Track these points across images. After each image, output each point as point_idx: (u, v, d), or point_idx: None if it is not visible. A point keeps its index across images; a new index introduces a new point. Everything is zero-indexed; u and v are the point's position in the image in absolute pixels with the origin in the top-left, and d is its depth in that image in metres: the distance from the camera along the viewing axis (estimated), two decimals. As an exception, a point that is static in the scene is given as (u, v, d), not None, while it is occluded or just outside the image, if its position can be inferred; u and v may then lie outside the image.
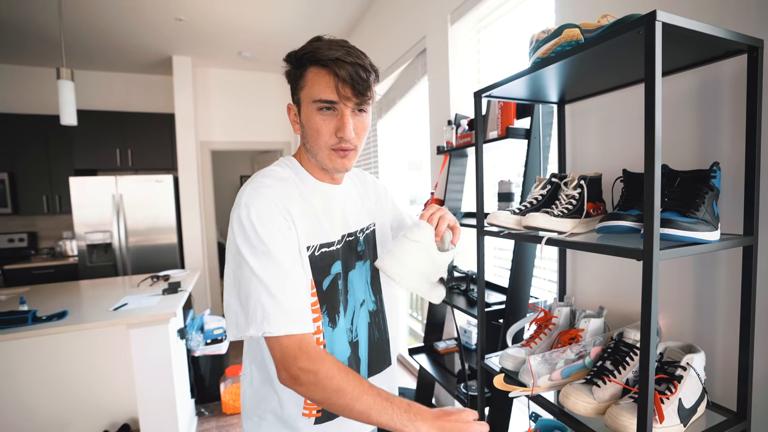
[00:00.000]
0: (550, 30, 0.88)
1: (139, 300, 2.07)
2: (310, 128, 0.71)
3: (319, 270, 0.74)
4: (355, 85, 0.68)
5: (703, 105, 0.89)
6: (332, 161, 0.73)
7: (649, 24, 0.62)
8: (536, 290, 1.55)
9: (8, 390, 1.91)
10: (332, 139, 0.71)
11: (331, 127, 0.70)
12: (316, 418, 0.77)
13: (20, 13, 2.84)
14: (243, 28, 3.27)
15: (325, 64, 0.67)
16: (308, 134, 0.73)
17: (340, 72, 0.67)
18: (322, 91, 0.68)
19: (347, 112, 0.70)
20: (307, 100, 0.71)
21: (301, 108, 0.73)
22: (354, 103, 0.70)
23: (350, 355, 0.81)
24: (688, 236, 0.70)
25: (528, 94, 1.13)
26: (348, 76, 0.67)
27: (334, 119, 0.70)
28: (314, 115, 0.70)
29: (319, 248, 0.74)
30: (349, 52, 0.68)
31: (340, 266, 0.79)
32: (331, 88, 0.68)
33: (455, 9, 1.87)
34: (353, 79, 0.67)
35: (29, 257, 3.79)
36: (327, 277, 0.75)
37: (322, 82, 0.68)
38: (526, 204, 1.04)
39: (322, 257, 0.75)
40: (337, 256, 0.78)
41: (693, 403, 0.78)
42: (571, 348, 0.97)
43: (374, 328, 0.87)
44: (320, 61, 0.67)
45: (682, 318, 0.95)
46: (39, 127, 3.73)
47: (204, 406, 2.62)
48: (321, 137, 0.71)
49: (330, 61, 0.67)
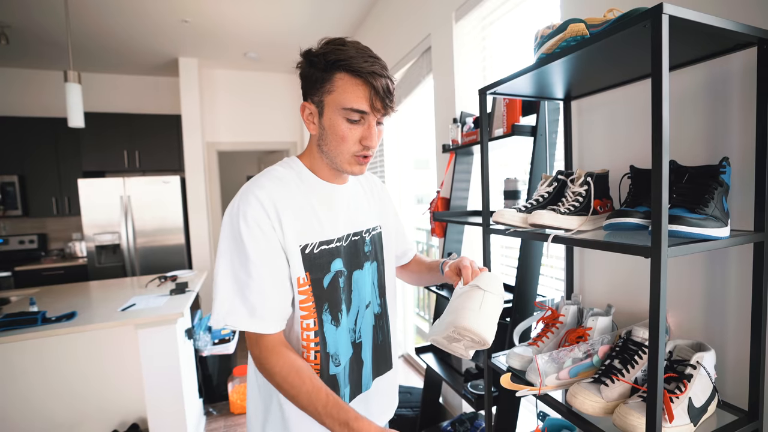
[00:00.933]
0: (555, 25, 0.87)
1: (147, 300, 2.09)
2: (335, 134, 0.73)
3: (318, 267, 0.75)
4: (385, 99, 0.71)
5: (712, 99, 0.88)
6: (351, 166, 0.76)
7: (655, 17, 0.61)
8: (543, 288, 1.53)
9: (19, 390, 1.94)
10: (356, 146, 0.74)
11: (357, 135, 0.73)
12: None
13: (28, 18, 2.88)
14: (248, 29, 3.28)
15: (360, 75, 0.69)
16: (330, 138, 0.74)
17: (377, 85, 0.69)
18: (355, 101, 0.70)
19: (374, 122, 0.73)
20: (334, 106, 0.71)
21: (324, 111, 0.73)
22: (380, 115, 0.73)
23: (352, 356, 0.81)
24: (697, 233, 0.69)
25: (533, 90, 1.12)
26: (383, 91, 0.70)
27: (360, 128, 0.73)
28: (341, 122, 0.72)
29: (318, 246, 0.75)
30: (381, 65, 0.71)
31: (341, 264, 0.79)
32: (365, 99, 0.70)
33: (460, 6, 1.86)
34: (386, 93, 0.70)
35: (39, 259, 3.85)
36: (327, 275, 0.76)
37: (357, 92, 0.70)
38: (532, 201, 1.04)
39: (321, 254, 0.76)
40: (338, 254, 0.78)
41: (703, 402, 0.77)
42: (578, 347, 0.96)
43: (378, 330, 0.88)
44: (356, 71, 0.69)
45: (692, 316, 0.94)
46: (48, 129, 3.79)
47: (212, 406, 2.64)
48: (345, 144, 0.73)
49: (367, 74, 0.69)
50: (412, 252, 1.06)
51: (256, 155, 6.16)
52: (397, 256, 1.01)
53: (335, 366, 0.78)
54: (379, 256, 0.88)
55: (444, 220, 1.69)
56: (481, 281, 0.73)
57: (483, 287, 0.72)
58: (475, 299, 0.70)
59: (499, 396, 1.34)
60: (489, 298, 0.71)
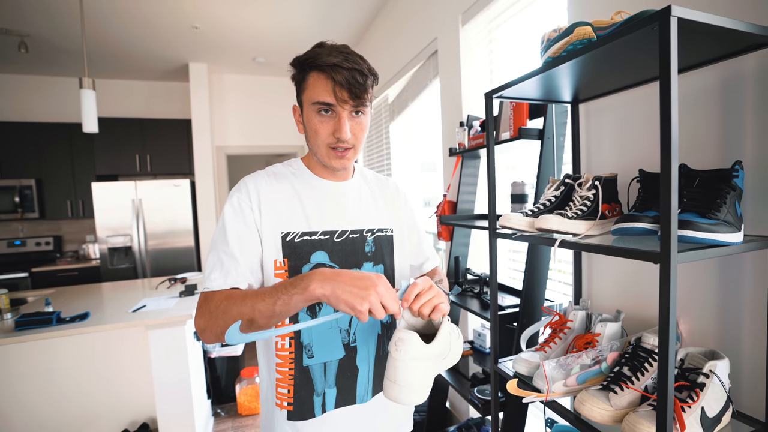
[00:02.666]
0: (561, 29, 0.86)
1: (158, 302, 2.12)
2: (311, 129, 0.77)
3: (297, 256, 0.78)
4: (352, 89, 0.72)
5: (724, 102, 0.86)
6: (330, 159, 0.78)
7: (663, 20, 0.60)
8: (551, 293, 1.51)
9: (33, 388, 1.98)
10: (329, 138, 0.76)
11: (329, 128, 0.75)
12: (288, 412, 0.79)
13: (46, 27, 2.97)
14: (257, 35, 3.33)
15: (323, 69, 0.72)
16: (309, 134, 0.79)
17: (337, 77, 0.71)
18: (320, 94, 0.73)
19: (344, 114, 0.74)
20: (307, 102, 0.76)
21: (303, 109, 0.79)
22: (351, 106, 0.74)
23: (343, 359, 0.80)
24: (708, 238, 0.68)
25: (540, 93, 1.11)
26: (345, 81, 0.71)
27: (332, 121, 0.75)
28: (313, 116, 0.76)
29: (300, 235, 0.78)
30: (347, 57, 0.73)
31: (325, 257, 0.79)
32: (329, 91, 0.72)
33: (466, 10, 1.86)
34: (350, 84, 0.72)
35: (55, 260, 3.93)
36: (306, 265, 0.78)
37: (320, 86, 0.73)
38: (539, 206, 1.02)
39: (302, 244, 0.78)
40: (321, 247, 0.79)
41: (717, 412, 0.75)
42: (587, 353, 0.94)
43: (384, 340, 0.85)
44: (319, 66, 0.73)
45: (705, 323, 0.91)
46: (63, 134, 3.88)
47: (220, 407, 2.66)
48: (319, 137, 0.76)
49: (328, 67, 0.72)
50: (429, 265, 1.01)
51: (264, 159, 6.22)
52: (413, 266, 0.98)
53: (308, 357, 0.78)
54: (386, 260, 0.86)
55: (451, 223, 1.68)
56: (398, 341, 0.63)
57: (394, 352, 0.63)
58: (390, 367, 0.64)
59: (506, 402, 1.32)
60: (402, 366, 0.62)
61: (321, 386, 0.79)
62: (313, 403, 0.79)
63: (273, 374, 0.80)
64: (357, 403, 0.82)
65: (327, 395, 0.80)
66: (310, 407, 0.78)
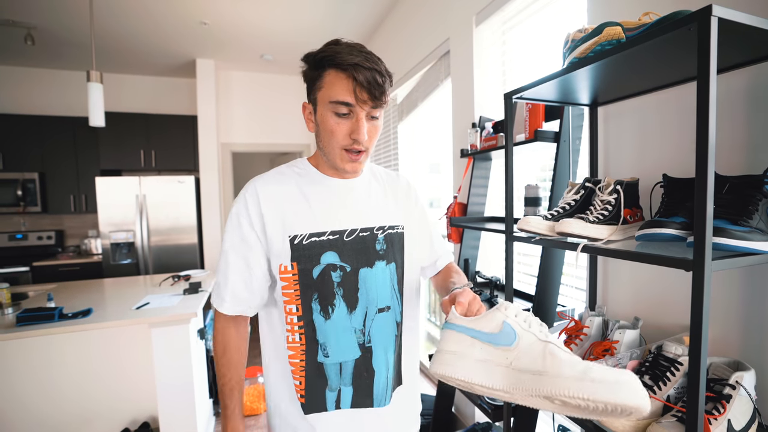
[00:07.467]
0: (587, 29, 0.84)
1: (161, 299, 2.10)
2: (325, 129, 0.74)
3: (307, 258, 0.76)
4: (372, 90, 0.70)
5: (755, 105, 0.84)
6: (343, 162, 0.76)
7: (703, 20, 0.58)
8: (562, 298, 1.49)
9: (34, 385, 1.96)
10: (346, 140, 0.74)
11: (346, 129, 0.73)
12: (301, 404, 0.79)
13: (53, 20, 2.95)
14: (265, 31, 3.31)
15: (344, 68, 0.70)
16: (323, 134, 0.76)
17: (359, 77, 0.69)
18: (340, 93, 0.71)
19: (362, 115, 0.72)
20: (323, 101, 0.73)
21: (317, 108, 0.76)
22: (369, 107, 0.72)
23: (359, 359, 0.78)
24: (741, 246, 0.66)
25: (559, 95, 1.09)
26: (366, 81, 0.69)
27: (349, 122, 0.73)
28: (330, 116, 0.73)
29: (309, 237, 0.76)
30: (367, 57, 0.71)
31: (335, 257, 0.77)
32: (349, 91, 0.70)
33: (480, 11, 1.84)
34: (370, 84, 0.70)
35: (56, 255, 3.92)
36: (317, 266, 0.76)
37: (340, 85, 0.71)
38: (558, 209, 1.01)
39: (311, 246, 0.76)
40: (330, 247, 0.77)
41: (744, 424, 0.73)
42: (606, 360, 0.92)
43: (401, 339, 0.84)
44: (340, 65, 0.70)
45: (728, 332, 0.89)
46: (68, 128, 3.87)
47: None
48: (335, 138, 0.74)
49: (350, 66, 0.69)
50: (442, 262, 0.98)
51: (269, 156, 6.21)
52: (424, 267, 0.96)
53: (323, 356, 0.78)
54: (398, 258, 0.83)
55: (462, 225, 1.66)
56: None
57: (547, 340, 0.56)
58: (567, 364, 0.52)
59: (517, 407, 1.30)
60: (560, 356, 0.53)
61: (336, 383, 0.79)
62: (325, 398, 0.78)
63: (285, 366, 0.80)
64: (374, 407, 0.81)
65: (342, 393, 0.79)
66: (322, 401, 0.78)
